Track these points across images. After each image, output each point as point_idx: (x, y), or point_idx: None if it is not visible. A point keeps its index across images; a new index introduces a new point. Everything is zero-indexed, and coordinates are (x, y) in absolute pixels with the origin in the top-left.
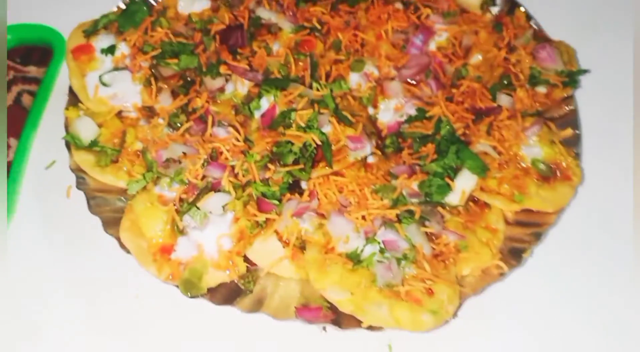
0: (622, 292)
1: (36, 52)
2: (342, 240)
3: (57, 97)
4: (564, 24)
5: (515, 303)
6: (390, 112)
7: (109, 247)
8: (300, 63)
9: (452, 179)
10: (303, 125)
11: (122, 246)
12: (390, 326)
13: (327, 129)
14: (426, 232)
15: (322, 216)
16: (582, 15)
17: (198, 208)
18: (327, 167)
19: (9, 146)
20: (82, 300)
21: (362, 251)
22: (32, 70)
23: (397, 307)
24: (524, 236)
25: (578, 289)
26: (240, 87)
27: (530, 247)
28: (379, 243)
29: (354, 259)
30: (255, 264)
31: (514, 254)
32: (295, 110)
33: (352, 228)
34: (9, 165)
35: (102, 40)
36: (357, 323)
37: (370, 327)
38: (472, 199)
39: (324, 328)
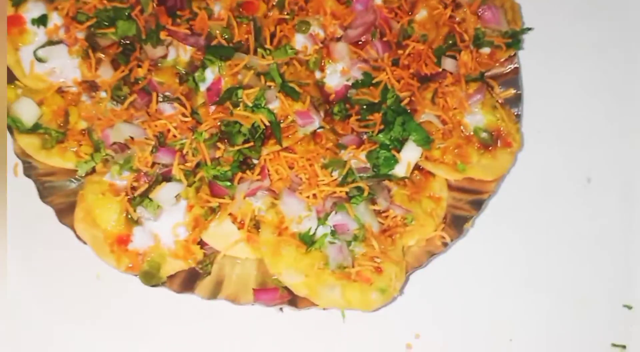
0: (560, 261)
1: None
2: (295, 220)
3: None
4: None
5: (458, 275)
6: (337, 75)
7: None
8: (244, 26)
9: (398, 151)
10: (250, 104)
11: (77, 236)
12: (342, 307)
13: (275, 104)
14: (374, 210)
15: (274, 193)
16: None
17: (150, 200)
18: (277, 145)
19: None
20: (41, 285)
21: (314, 233)
22: None
23: (348, 289)
24: (465, 203)
25: (518, 259)
26: (183, 53)
27: (472, 216)
28: (330, 226)
29: (307, 241)
30: (210, 246)
31: (456, 224)
32: (241, 87)
33: (304, 207)
34: None
35: (32, 10)
36: (312, 302)
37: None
38: (416, 167)
39: (281, 309)
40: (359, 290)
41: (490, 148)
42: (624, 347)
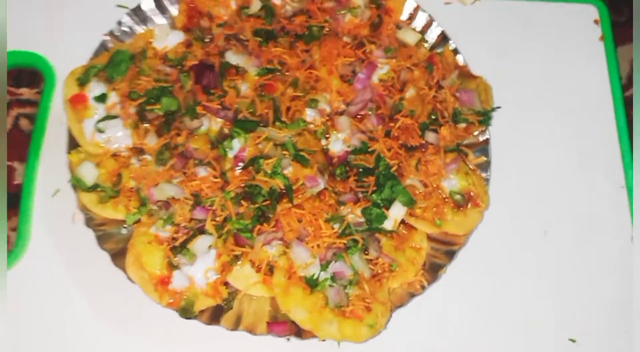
0: (519, 302)
1: (25, 74)
2: (302, 266)
3: (54, 124)
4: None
5: (433, 313)
6: (339, 142)
7: (116, 276)
8: (265, 102)
9: (387, 209)
10: (269, 171)
11: (128, 277)
12: (338, 339)
13: (288, 169)
14: (367, 258)
15: (286, 243)
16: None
17: (188, 249)
18: (289, 203)
19: (14, 169)
20: (94, 326)
21: (317, 277)
22: (25, 92)
23: (343, 324)
24: (440, 253)
25: (484, 299)
26: (214, 124)
27: (445, 264)
28: (330, 272)
29: (312, 284)
30: (232, 285)
31: (433, 271)
32: (262, 157)
33: (310, 255)
34: (19, 190)
35: (94, 89)
36: (314, 334)
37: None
38: (402, 222)
39: (288, 339)
40: (351, 325)
41: (462, 207)
42: None
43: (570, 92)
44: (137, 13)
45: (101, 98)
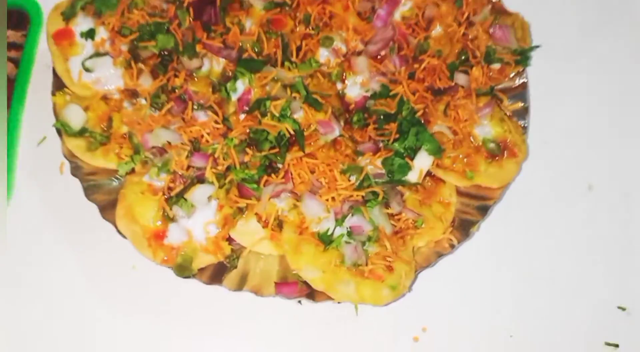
0: (560, 263)
1: (12, 16)
2: (315, 221)
3: (39, 68)
4: None
5: (464, 275)
6: (357, 87)
7: (105, 227)
8: (272, 40)
9: (411, 159)
10: (277, 114)
11: (118, 231)
12: (356, 301)
13: (299, 114)
14: (388, 213)
15: (297, 196)
16: None
17: (185, 200)
18: (300, 151)
19: None
20: (82, 275)
21: (332, 233)
22: (10, 35)
23: (362, 285)
24: (472, 209)
25: (520, 261)
26: (216, 65)
27: (478, 221)
28: (347, 227)
29: (325, 240)
30: (237, 242)
31: (463, 228)
32: (269, 98)
33: (323, 209)
34: None
35: (81, 24)
36: (328, 296)
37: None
38: (428, 174)
39: (300, 301)
40: (371, 286)
41: (497, 158)
42: (616, 346)
43: (617, 35)
44: None
45: (89, 34)
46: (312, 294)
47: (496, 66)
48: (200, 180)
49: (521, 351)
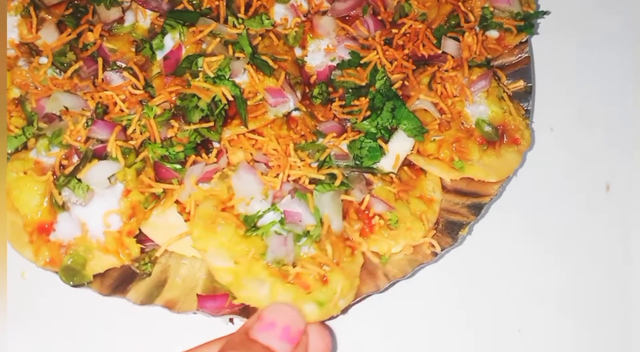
0: (569, 274)
1: None
2: (244, 200)
3: None
4: None
5: (446, 290)
6: (321, 54)
7: None
8: None
9: (385, 141)
10: (212, 75)
11: None
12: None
13: (242, 79)
14: (345, 206)
15: (231, 166)
16: None
17: (79, 180)
18: (241, 126)
19: None
20: None
21: (261, 216)
22: None
23: (280, 289)
24: (462, 207)
25: (520, 273)
26: (142, 19)
27: (469, 222)
28: (281, 212)
29: (249, 223)
30: (151, 241)
31: (450, 231)
32: (203, 55)
33: (261, 190)
34: None
35: None
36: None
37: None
38: (406, 163)
39: (231, 320)
40: (292, 294)
41: (494, 144)
42: None
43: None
44: None
45: None
46: (247, 310)
47: (494, 34)
48: (101, 156)
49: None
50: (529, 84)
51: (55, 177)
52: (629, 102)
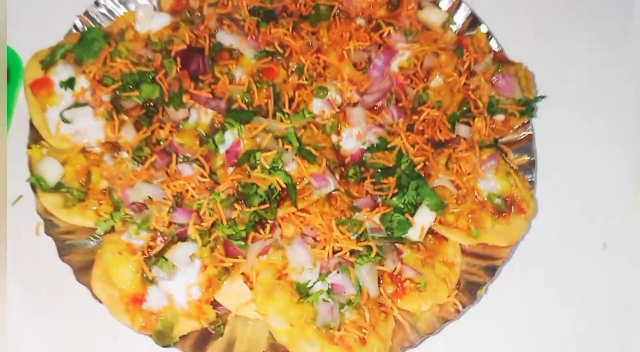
0: (576, 330)
1: None
2: (297, 270)
3: (19, 122)
4: (524, 42)
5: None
6: (353, 139)
7: (80, 294)
8: (264, 90)
9: (412, 215)
10: (268, 166)
11: (94, 295)
12: None
13: (291, 167)
14: (380, 274)
15: (287, 240)
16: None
17: (166, 259)
18: (292, 206)
19: None
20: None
21: (311, 286)
22: None
23: (327, 349)
24: (479, 269)
25: (533, 326)
26: (204, 116)
27: (485, 283)
28: (328, 284)
29: (302, 292)
30: (222, 306)
31: (469, 290)
32: (259, 150)
33: (311, 260)
34: None
35: (61, 73)
36: None
37: None
38: (430, 232)
39: None
40: None
41: (504, 214)
42: None
43: (623, 82)
44: None
45: (69, 83)
46: None
47: (500, 117)
48: (183, 238)
49: None
50: (532, 158)
51: (145, 256)
52: (622, 169)
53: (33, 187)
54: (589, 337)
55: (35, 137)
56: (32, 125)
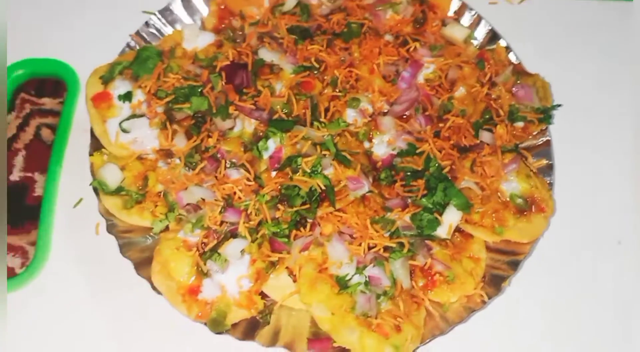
0: (588, 317)
1: (49, 84)
2: (336, 264)
3: (77, 132)
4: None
5: (497, 331)
6: (384, 145)
7: (140, 286)
8: (302, 102)
9: (440, 214)
10: (308, 170)
11: (153, 287)
12: (356, 350)
13: (329, 170)
14: (412, 268)
15: (326, 237)
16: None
17: (219, 254)
18: (330, 206)
19: (34, 181)
20: (114, 339)
21: (350, 278)
22: (47, 102)
23: (366, 336)
24: (502, 264)
25: (553, 316)
26: (248, 125)
27: (509, 276)
28: (365, 276)
29: (342, 284)
30: (269, 297)
31: (494, 283)
32: (300, 156)
33: (348, 256)
34: (39, 202)
35: (119, 87)
36: None
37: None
38: (457, 229)
39: None
40: (375, 340)
41: (525, 213)
42: None
43: (633, 93)
44: (165, 14)
45: (126, 96)
46: (343, 350)
47: (520, 124)
48: (233, 235)
49: None
50: (551, 162)
51: (199, 252)
52: (633, 171)
53: (95, 191)
54: (598, 324)
55: (96, 145)
56: (92, 135)
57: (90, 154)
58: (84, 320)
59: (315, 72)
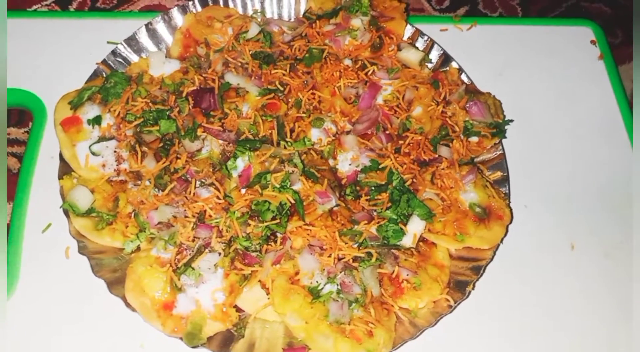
0: (549, 315)
1: (13, 113)
2: (308, 275)
3: (44, 160)
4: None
5: (460, 332)
6: (348, 162)
7: (113, 304)
8: (268, 122)
9: (405, 224)
10: (277, 185)
11: (127, 304)
12: None
13: (298, 186)
14: (380, 276)
15: (296, 250)
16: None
17: (193, 269)
18: (300, 220)
19: None
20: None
21: (322, 288)
22: (12, 132)
23: (340, 342)
24: (466, 270)
25: (516, 316)
26: (216, 146)
27: (472, 280)
28: (337, 284)
29: (314, 293)
30: (243, 310)
31: (459, 287)
32: (269, 172)
33: (318, 267)
34: (7, 229)
35: (88, 112)
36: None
37: None
38: (422, 239)
39: None
40: (349, 345)
41: (484, 221)
42: None
43: (576, 110)
44: (131, 43)
45: (96, 120)
46: None
47: (474, 139)
48: (206, 249)
49: None
50: (505, 174)
51: (173, 267)
52: (585, 179)
53: (66, 213)
54: (558, 322)
55: (64, 169)
56: (62, 159)
57: (60, 178)
58: (52, 342)
59: (280, 94)
